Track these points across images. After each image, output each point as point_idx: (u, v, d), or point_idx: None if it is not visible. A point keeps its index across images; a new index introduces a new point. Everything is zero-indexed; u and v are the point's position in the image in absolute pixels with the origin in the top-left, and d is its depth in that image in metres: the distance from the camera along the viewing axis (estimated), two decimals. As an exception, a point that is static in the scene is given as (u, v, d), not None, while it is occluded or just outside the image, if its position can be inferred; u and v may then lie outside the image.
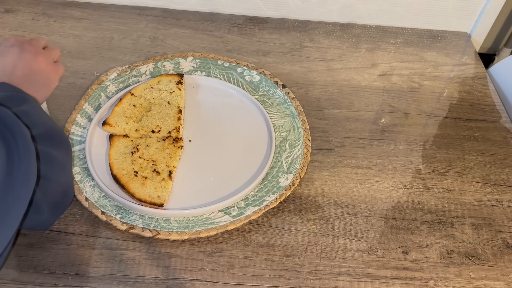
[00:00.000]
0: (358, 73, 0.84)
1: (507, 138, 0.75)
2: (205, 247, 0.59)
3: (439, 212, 0.64)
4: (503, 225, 0.63)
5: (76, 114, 0.71)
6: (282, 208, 0.63)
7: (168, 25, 0.90)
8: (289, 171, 0.66)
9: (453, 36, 0.94)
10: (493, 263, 0.59)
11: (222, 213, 0.61)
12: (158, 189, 0.61)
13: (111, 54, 0.83)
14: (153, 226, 0.59)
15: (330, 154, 0.70)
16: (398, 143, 0.73)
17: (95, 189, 0.62)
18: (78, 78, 0.78)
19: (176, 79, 0.75)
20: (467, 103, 0.80)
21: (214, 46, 0.86)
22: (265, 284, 0.56)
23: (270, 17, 0.94)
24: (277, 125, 0.72)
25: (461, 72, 0.86)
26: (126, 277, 0.55)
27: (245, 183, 0.64)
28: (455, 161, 0.71)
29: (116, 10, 0.92)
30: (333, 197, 0.65)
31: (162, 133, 0.68)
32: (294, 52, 0.87)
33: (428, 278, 0.57)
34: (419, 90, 0.82)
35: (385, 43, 0.91)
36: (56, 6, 0.92)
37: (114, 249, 0.58)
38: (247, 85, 0.78)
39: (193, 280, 0.56)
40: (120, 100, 0.71)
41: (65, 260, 0.56)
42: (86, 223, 0.60)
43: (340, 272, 0.57)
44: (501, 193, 0.67)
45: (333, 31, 0.92)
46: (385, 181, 0.67)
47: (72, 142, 0.67)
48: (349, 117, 0.76)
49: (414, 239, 0.61)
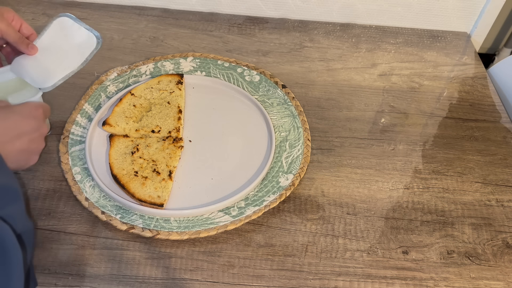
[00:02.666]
0: (358, 73, 0.84)
1: (507, 138, 0.75)
2: (205, 247, 0.59)
3: (439, 212, 0.64)
4: (503, 225, 0.63)
5: (76, 114, 0.71)
6: (282, 208, 0.63)
7: (168, 25, 0.90)
8: (289, 171, 0.66)
9: (453, 36, 0.94)
10: (493, 263, 0.59)
11: (222, 213, 0.61)
12: (158, 189, 0.61)
13: (111, 54, 0.83)
14: (153, 226, 0.59)
15: (330, 154, 0.70)
16: (398, 143, 0.73)
17: (95, 189, 0.62)
18: (78, 78, 0.78)
19: (176, 79, 0.75)
20: (467, 103, 0.80)
21: (214, 46, 0.86)
22: (265, 284, 0.56)
23: (270, 17, 0.94)
24: (277, 125, 0.72)
25: (461, 72, 0.86)
26: (126, 277, 0.55)
27: (245, 183, 0.64)
28: (455, 161, 0.71)
29: (116, 10, 0.92)
30: (333, 197, 0.65)
31: (162, 133, 0.68)
32: (294, 52, 0.87)
33: (428, 278, 0.57)
34: (419, 90, 0.82)
35: (385, 43, 0.91)
36: (56, 6, 0.92)
37: (114, 249, 0.58)
38: (247, 85, 0.78)
39: (193, 280, 0.56)
40: (120, 100, 0.71)
41: (65, 260, 0.56)
42: (86, 223, 0.60)
43: (340, 272, 0.57)
44: (501, 193, 0.67)
45: (333, 31, 0.92)
46: (385, 181, 0.67)
47: (72, 142, 0.67)
48: (349, 117, 0.76)
49: (414, 239, 0.61)
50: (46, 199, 0.62)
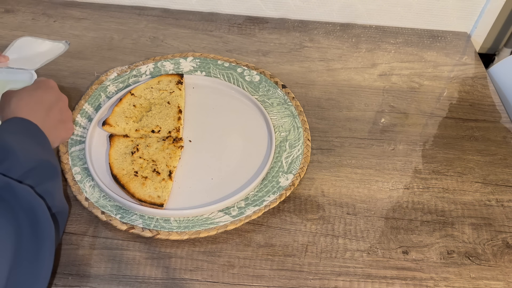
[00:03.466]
0: (358, 73, 0.84)
1: (507, 138, 0.75)
2: (205, 247, 0.59)
3: (439, 212, 0.64)
4: (503, 225, 0.63)
5: (76, 114, 0.71)
6: (282, 208, 0.63)
7: (168, 25, 0.90)
8: (289, 171, 0.66)
9: (453, 36, 0.94)
10: (493, 263, 0.59)
11: (222, 213, 0.61)
12: (158, 189, 0.61)
13: (111, 54, 0.83)
14: (153, 226, 0.59)
15: (330, 154, 0.70)
16: (398, 143, 0.73)
17: (95, 189, 0.62)
18: (78, 78, 0.78)
19: (176, 79, 0.75)
20: (467, 103, 0.80)
21: (214, 46, 0.86)
22: (265, 284, 0.56)
23: (270, 17, 0.94)
24: (277, 125, 0.72)
25: (461, 72, 0.86)
26: (126, 277, 0.55)
27: (245, 183, 0.64)
28: (455, 161, 0.71)
29: (116, 10, 0.92)
30: (333, 197, 0.65)
31: (162, 133, 0.68)
32: (294, 52, 0.87)
33: (428, 278, 0.57)
34: (419, 90, 0.82)
35: (385, 43, 0.91)
36: (56, 6, 0.92)
37: (114, 249, 0.58)
38: (247, 85, 0.78)
39: (193, 280, 0.56)
40: (120, 100, 0.71)
41: (65, 260, 0.56)
42: (86, 223, 0.60)
43: (340, 272, 0.57)
44: (501, 193, 0.67)
45: (333, 31, 0.92)
46: (385, 181, 0.67)
47: (72, 142, 0.67)
48: (349, 117, 0.76)
49: (414, 239, 0.61)
50: (46, 199, 0.62)
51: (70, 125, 0.63)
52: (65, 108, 0.62)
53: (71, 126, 0.63)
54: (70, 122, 0.63)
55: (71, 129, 0.63)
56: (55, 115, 0.58)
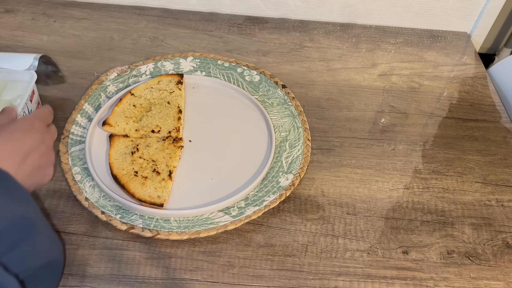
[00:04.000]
0: (358, 73, 0.84)
1: (507, 138, 0.75)
2: (205, 247, 0.59)
3: (439, 212, 0.64)
4: (503, 225, 0.63)
5: (76, 114, 0.71)
6: (282, 208, 0.63)
7: (168, 25, 0.90)
8: (289, 171, 0.66)
9: (453, 36, 0.94)
10: (493, 263, 0.59)
11: (222, 213, 0.61)
12: (158, 189, 0.61)
13: (111, 54, 0.83)
14: (153, 226, 0.59)
15: (330, 154, 0.70)
16: (398, 143, 0.73)
17: (95, 189, 0.62)
18: (78, 78, 0.78)
19: (176, 79, 0.75)
20: (467, 103, 0.80)
21: (214, 46, 0.86)
22: (265, 284, 0.56)
23: (270, 17, 0.94)
24: (277, 125, 0.72)
25: (461, 72, 0.86)
26: (126, 277, 0.55)
27: (245, 183, 0.64)
28: (455, 161, 0.71)
29: (116, 10, 0.92)
30: (333, 197, 0.65)
31: (162, 133, 0.68)
32: (294, 52, 0.87)
33: (428, 278, 0.57)
34: (419, 90, 0.82)
35: (385, 43, 0.91)
36: (56, 6, 0.92)
37: (114, 249, 0.58)
38: (247, 85, 0.78)
39: (193, 280, 0.56)
40: (120, 100, 0.71)
41: (65, 260, 0.56)
42: (86, 223, 0.60)
43: (340, 272, 0.57)
44: (501, 193, 0.67)
45: (333, 31, 0.92)
46: (385, 181, 0.67)
47: (72, 142, 0.67)
48: (349, 117, 0.76)
49: (414, 239, 0.61)
50: (46, 199, 0.62)
51: (48, 171, 0.55)
52: (47, 152, 0.54)
53: (49, 172, 0.55)
54: (50, 167, 0.55)
55: (49, 175, 0.55)
56: (33, 161, 0.51)
